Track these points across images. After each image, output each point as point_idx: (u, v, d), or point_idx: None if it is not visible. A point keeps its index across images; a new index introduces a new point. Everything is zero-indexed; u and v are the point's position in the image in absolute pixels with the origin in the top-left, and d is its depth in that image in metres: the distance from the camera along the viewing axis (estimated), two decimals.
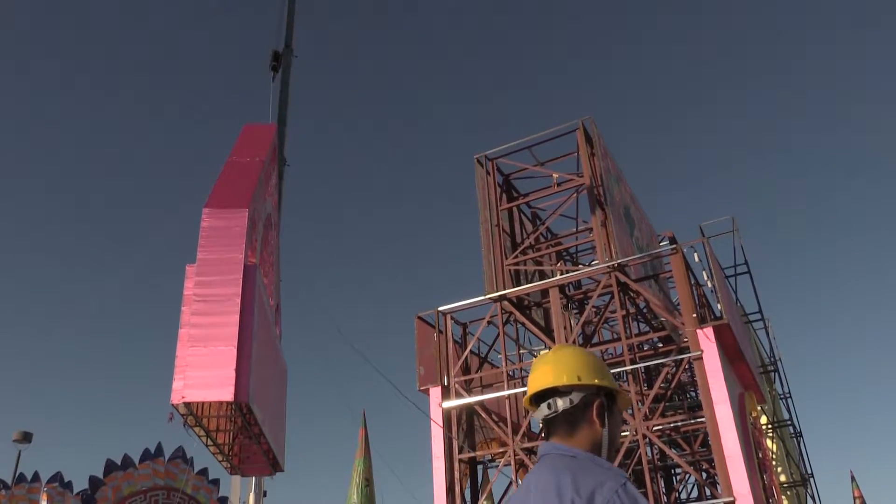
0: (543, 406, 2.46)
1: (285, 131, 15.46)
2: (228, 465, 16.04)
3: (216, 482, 25.04)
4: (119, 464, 22.98)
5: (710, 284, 14.46)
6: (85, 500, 22.02)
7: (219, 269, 12.05)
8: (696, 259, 15.35)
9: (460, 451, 14.30)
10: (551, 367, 2.49)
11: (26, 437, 35.22)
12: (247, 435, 14.74)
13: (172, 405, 12.46)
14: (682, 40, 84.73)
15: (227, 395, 11.39)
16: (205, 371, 11.47)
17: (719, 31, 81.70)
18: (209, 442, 14.84)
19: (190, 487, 24.45)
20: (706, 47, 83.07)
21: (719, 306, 13.59)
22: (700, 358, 12.35)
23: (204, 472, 24.97)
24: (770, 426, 19.46)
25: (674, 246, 13.98)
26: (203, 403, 12.86)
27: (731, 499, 11.12)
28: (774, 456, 18.73)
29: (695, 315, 12.80)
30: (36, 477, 27.50)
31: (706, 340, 12.43)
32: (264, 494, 14.76)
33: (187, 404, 12.19)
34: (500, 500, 15.96)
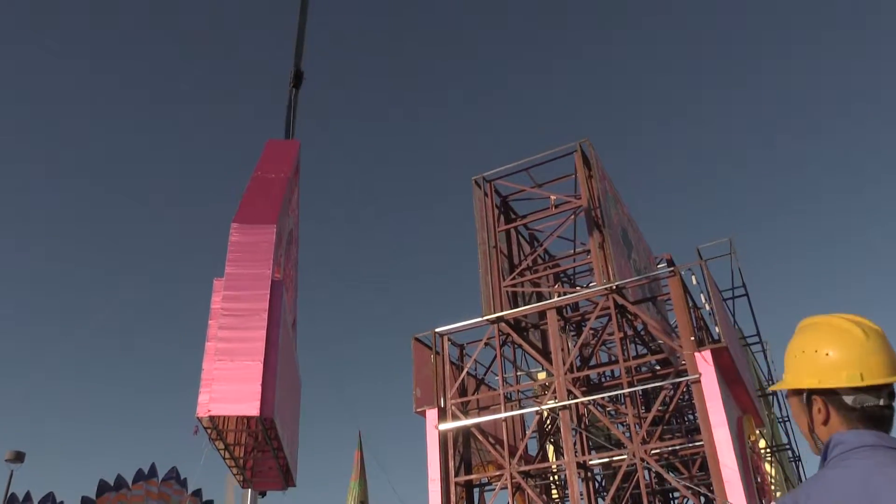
0: None
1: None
2: (242, 479, 15.97)
3: (210, 503, 24.82)
4: (112, 484, 22.76)
5: (707, 307, 14.43)
6: None
7: (247, 284, 12.10)
8: (694, 282, 15.33)
9: (457, 474, 14.18)
10: None
11: (19, 457, 34.83)
12: (261, 449, 14.69)
13: (197, 418, 12.47)
14: (682, 60, 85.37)
15: (252, 410, 11.39)
16: (231, 385, 11.46)
17: (719, 50, 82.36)
18: (227, 455, 14.81)
19: None
20: (706, 61, 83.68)
21: (717, 329, 13.55)
22: (698, 381, 12.29)
23: (198, 493, 24.75)
24: (769, 450, 19.32)
25: (672, 269, 13.97)
26: (226, 417, 12.84)
27: None
28: (773, 480, 18.57)
29: (693, 338, 12.76)
30: (28, 497, 27.19)
31: (704, 363, 12.38)
32: None
33: (212, 418, 12.19)
34: None
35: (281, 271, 13.74)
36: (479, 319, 14.82)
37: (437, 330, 15.41)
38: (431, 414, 14.60)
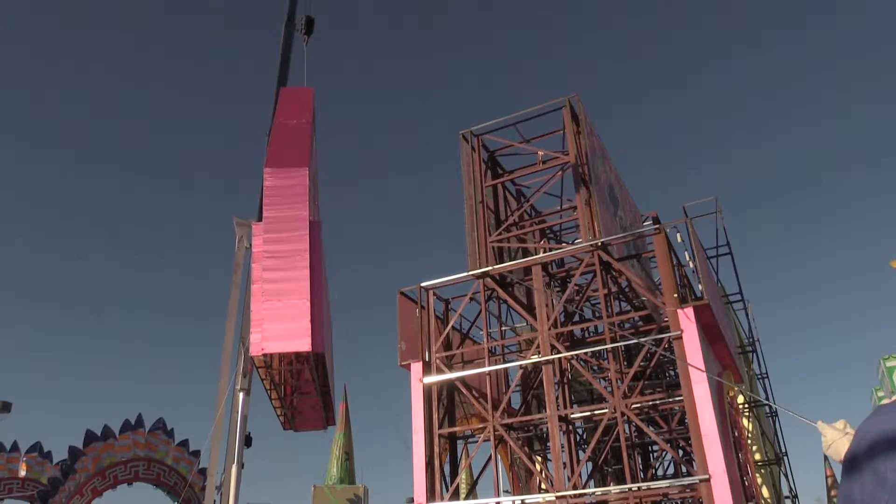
0: None
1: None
2: (284, 419, 16.31)
3: (196, 454, 25.08)
4: (99, 434, 22.92)
5: (691, 265, 14.54)
6: (64, 470, 21.96)
7: (286, 226, 12.33)
8: (679, 239, 15.42)
9: (440, 426, 14.37)
10: None
11: (5, 407, 35.08)
12: (303, 388, 14.99)
13: (252, 357, 12.80)
14: (669, 19, 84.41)
15: (304, 345, 11.77)
16: (281, 323, 11.81)
17: (705, 14, 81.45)
18: (274, 394, 15.13)
19: (171, 458, 24.47)
20: (692, 26, 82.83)
21: (700, 287, 13.67)
22: (680, 338, 12.42)
23: (185, 443, 24.99)
24: (746, 406, 19.71)
25: (657, 226, 14.01)
26: (276, 355, 13.21)
27: (707, 476, 11.26)
28: (750, 435, 19.01)
29: (676, 295, 12.86)
30: (15, 447, 27.43)
31: (686, 320, 12.50)
32: (242, 466, 14.82)
33: (265, 356, 12.57)
34: (478, 476, 16.10)
35: (314, 212, 13.92)
36: (465, 274, 14.86)
37: (422, 284, 15.45)
38: (416, 367, 14.73)
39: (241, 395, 15.75)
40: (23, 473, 27.00)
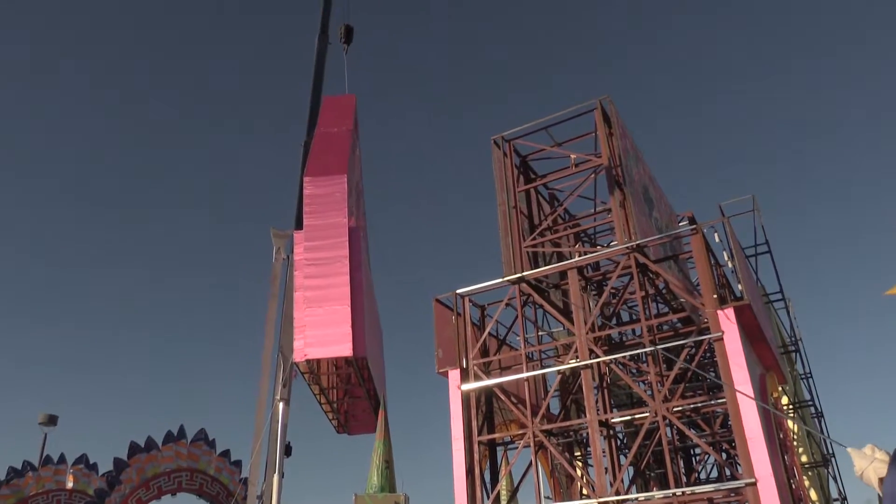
0: None
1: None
2: (337, 424, 16.55)
3: (238, 464, 25.35)
4: (142, 446, 23.28)
5: (730, 265, 14.31)
6: (110, 481, 22.35)
7: (326, 233, 12.59)
8: (717, 239, 15.16)
9: (479, 433, 14.33)
10: None
11: (52, 420, 35.90)
12: (353, 392, 15.23)
13: (295, 363, 13.09)
14: (699, 18, 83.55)
15: (346, 350, 12.03)
16: (323, 329, 12.08)
17: (736, 15, 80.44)
18: (323, 399, 15.40)
19: (213, 469, 24.76)
20: (727, 21, 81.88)
21: (740, 287, 13.45)
22: (721, 339, 12.23)
23: (226, 453, 25.27)
24: (791, 407, 19.33)
25: (694, 226, 13.83)
26: (321, 360, 13.48)
27: (753, 480, 11.05)
28: (796, 437, 18.62)
29: (715, 296, 12.67)
30: (62, 459, 27.99)
31: (727, 321, 12.32)
32: (282, 475, 14.95)
33: (308, 362, 12.83)
34: (519, 483, 16.00)
35: (355, 219, 14.09)
36: (500, 280, 14.82)
37: (458, 291, 15.44)
38: (454, 374, 14.71)
39: (280, 405, 15.91)
40: (70, 485, 27.52)
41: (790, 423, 18.23)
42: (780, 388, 15.57)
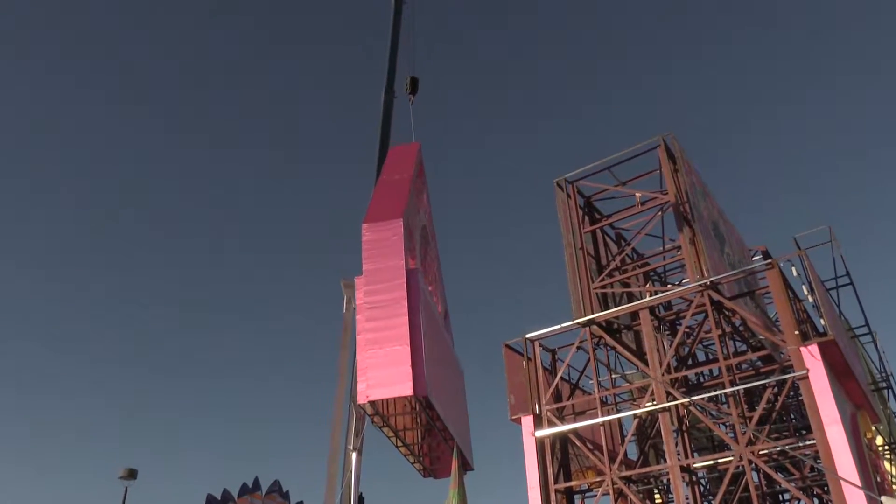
0: None
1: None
2: (421, 467, 16.63)
3: None
4: (219, 498, 23.51)
5: (811, 299, 13.76)
6: None
7: (383, 276, 13.01)
8: (794, 273, 14.64)
9: (556, 481, 13.98)
10: None
11: (132, 474, 36.67)
12: (433, 434, 15.34)
13: (359, 405, 13.38)
14: (763, 45, 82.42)
15: (406, 390, 12.26)
16: (384, 370, 12.37)
17: (800, 34, 79.09)
18: (399, 443, 15.59)
19: None
20: (789, 48, 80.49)
21: (822, 321, 12.90)
22: (806, 377, 11.71)
23: None
24: (887, 447, 18.23)
25: (769, 261, 13.40)
26: (387, 401, 13.75)
27: None
28: (894, 479, 17.51)
29: (797, 332, 12.18)
30: None
31: (811, 358, 11.80)
32: None
33: (372, 403, 13.12)
34: None
35: (417, 261, 14.35)
36: (570, 323, 14.62)
37: (527, 336, 15.28)
38: (527, 421, 14.47)
39: (353, 455, 15.91)
40: None
41: (887, 464, 17.19)
42: (873, 428, 14.73)
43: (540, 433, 14.19)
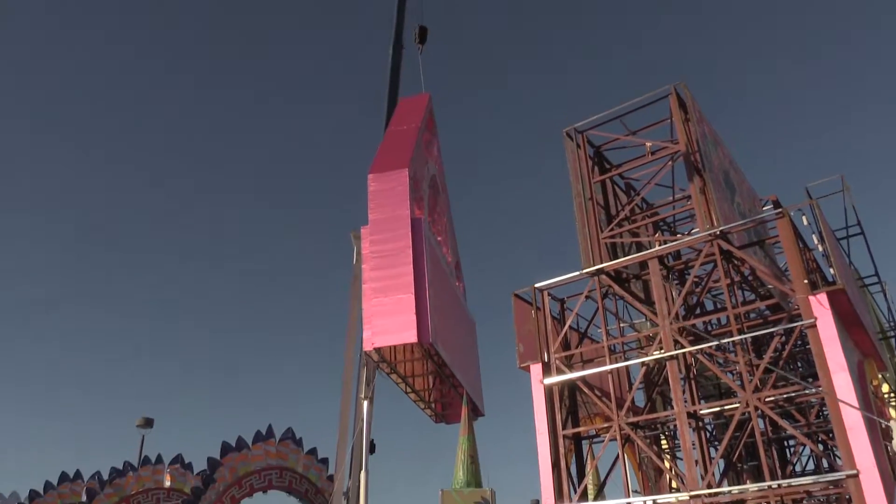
0: None
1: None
2: (432, 413, 17.00)
3: (325, 461, 25.89)
4: (234, 445, 24.02)
5: (821, 248, 13.75)
6: (205, 480, 23.17)
7: (388, 226, 13.17)
8: (805, 222, 14.59)
9: (564, 427, 14.21)
10: None
11: (148, 423, 37.56)
12: (443, 381, 15.66)
13: (365, 352, 13.72)
14: None
15: (410, 337, 12.54)
16: (388, 319, 12.65)
17: None
18: (408, 389, 15.91)
19: (301, 466, 25.38)
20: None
21: (832, 271, 12.91)
22: (814, 326, 11.77)
23: (313, 451, 25.84)
24: (893, 394, 18.41)
25: (779, 210, 13.35)
26: (393, 349, 14.08)
27: (855, 472, 10.59)
28: None
29: (806, 281, 12.19)
30: (159, 459, 29.24)
31: (819, 307, 11.83)
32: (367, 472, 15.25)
33: (378, 350, 13.44)
34: (606, 477, 15.80)
35: (425, 211, 14.44)
36: (579, 273, 14.67)
37: (536, 285, 15.35)
38: (535, 369, 14.64)
39: (364, 403, 16.19)
40: (168, 484, 28.70)
41: (892, 411, 17.39)
42: (879, 376, 14.86)
43: (548, 381, 14.37)
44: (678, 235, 17.20)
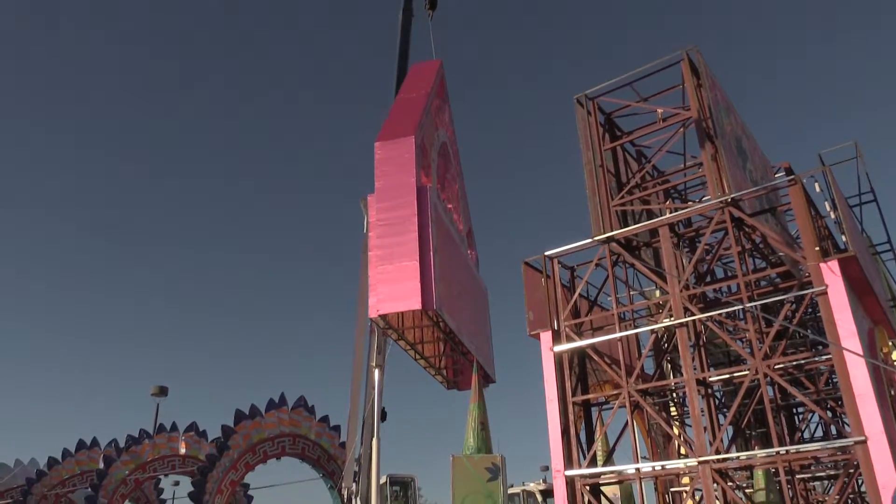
0: None
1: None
2: (443, 380, 17.16)
3: (337, 428, 26.24)
4: (247, 413, 24.37)
5: (832, 215, 13.66)
6: (219, 447, 23.54)
7: (394, 193, 13.21)
8: (817, 189, 14.48)
9: (573, 394, 14.31)
10: None
11: (162, 391, 38.13)
12: (452, 347, 15.80)
13: (371, 319, 13.86)
14: None
15: (415, 303, 12.66)
16: (393, 285, 12.77)
17: None
18: (417, 356, 16.07)
19: (313, 434, 25.72)
20: None
21: (844, 238, 12.84)
22: (825, 293, 11.73)
23: (325, 419, 26.18)
24: None
25: (792, 177, 13.24)
26: (400, 316, 14.22)
27: (863, 438, 10.64)
28: None
29: (817, 248, 12.14)
30: (174, 427, 29.71)
31: (831, 274, 11.79)
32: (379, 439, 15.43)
33: (384, 317, 13.59)
34: (615, 443, 15.94)
35: (433, 179, 14.43)
36: (589, 241, 14.65)
37: (546, 253, 15.36)
38: (546, 336, 14.71)
39: (375, 371, 16.32)
40: (183, 451, 29.20)
41: None
42: (890, 343, 14.84)
43: (558, 348, 14.44)
44: (689, 203, 17.11)
